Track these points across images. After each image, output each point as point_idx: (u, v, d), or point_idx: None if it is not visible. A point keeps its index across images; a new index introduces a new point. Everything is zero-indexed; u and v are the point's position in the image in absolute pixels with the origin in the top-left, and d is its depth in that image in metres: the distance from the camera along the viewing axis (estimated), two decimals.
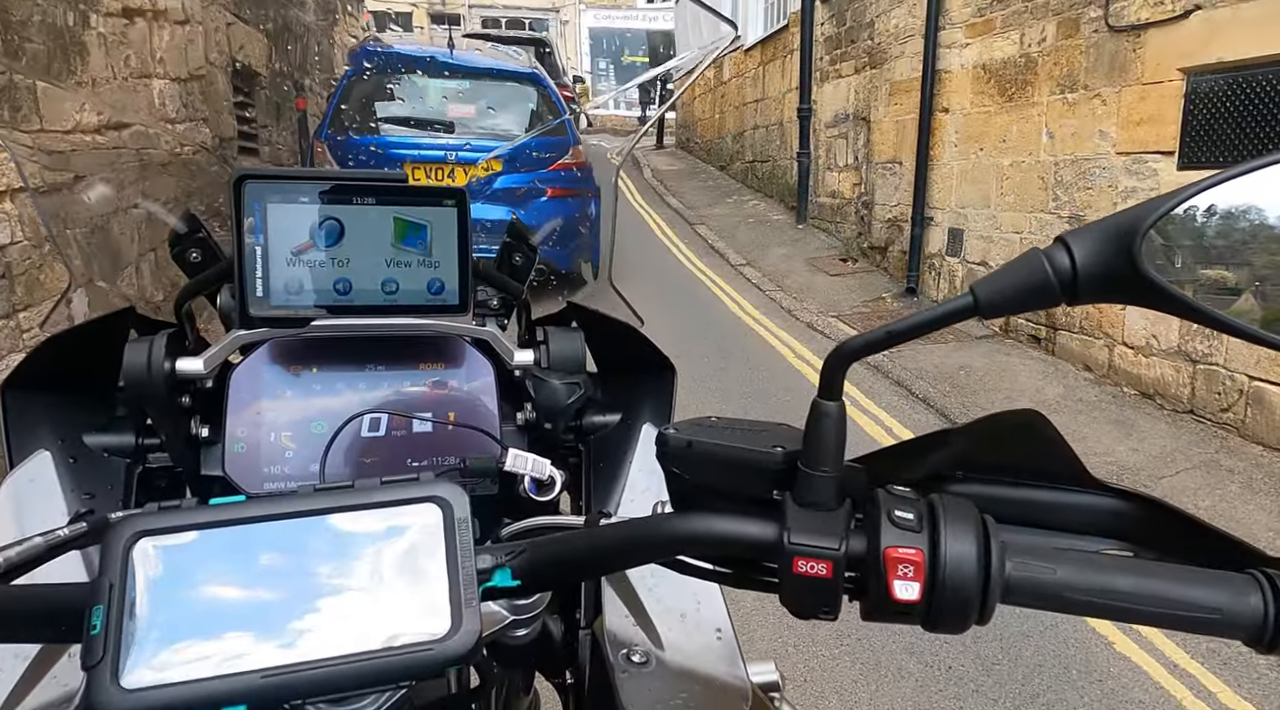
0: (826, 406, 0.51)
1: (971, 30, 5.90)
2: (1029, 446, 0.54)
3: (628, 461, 0.92)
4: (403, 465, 0.84)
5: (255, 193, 0.75)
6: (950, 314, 0.48)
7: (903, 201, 6.86)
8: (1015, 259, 0.47)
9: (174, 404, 0.80)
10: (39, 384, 0.82)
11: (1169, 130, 4.28)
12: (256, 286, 0.76)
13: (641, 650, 0.72)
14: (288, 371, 0.84)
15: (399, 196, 0.78)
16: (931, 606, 0.48)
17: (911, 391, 4.93)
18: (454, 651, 0.48)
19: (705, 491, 0.56)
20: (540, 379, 0.87)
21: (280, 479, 0.81)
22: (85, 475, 0.80)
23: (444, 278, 0.80)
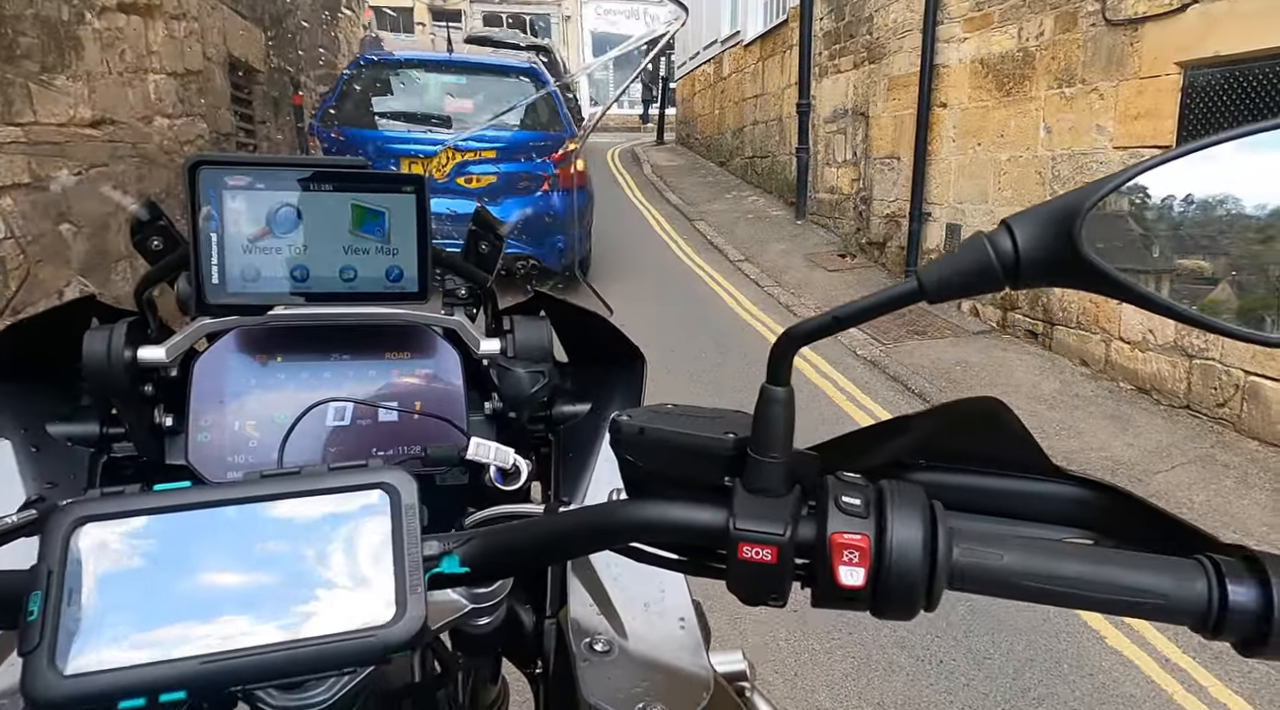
0: (774, 392, 0.51)
1: (969, 24, 5.88)
2: (990, 434, 0.54)
3: (596, 451, 0.91)
4: (367, 454, 0.83)
5: (210, 179, 0.74)
6: (895, 298, 0.48)
7: (901, 197, 6.85)
8: (961, 243, 0.47)
9: (136, 393, 0.79)
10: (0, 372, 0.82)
11: (1166, 124, 4.27)
12: (213, 274, 0.75)
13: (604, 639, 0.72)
14: (252, 360, 0.83)
15: (357, 183, 0.78)
16: (877, 592, 0.48)
17: (908, 387, 4.93)
18: (397, 638, 0.48)
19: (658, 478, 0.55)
20: (504, 368, 0.87)
21: (244, 468, 0.80)
22: (48, 464, 0.80)
23: (403, 265, 0.80)
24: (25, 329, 0.82)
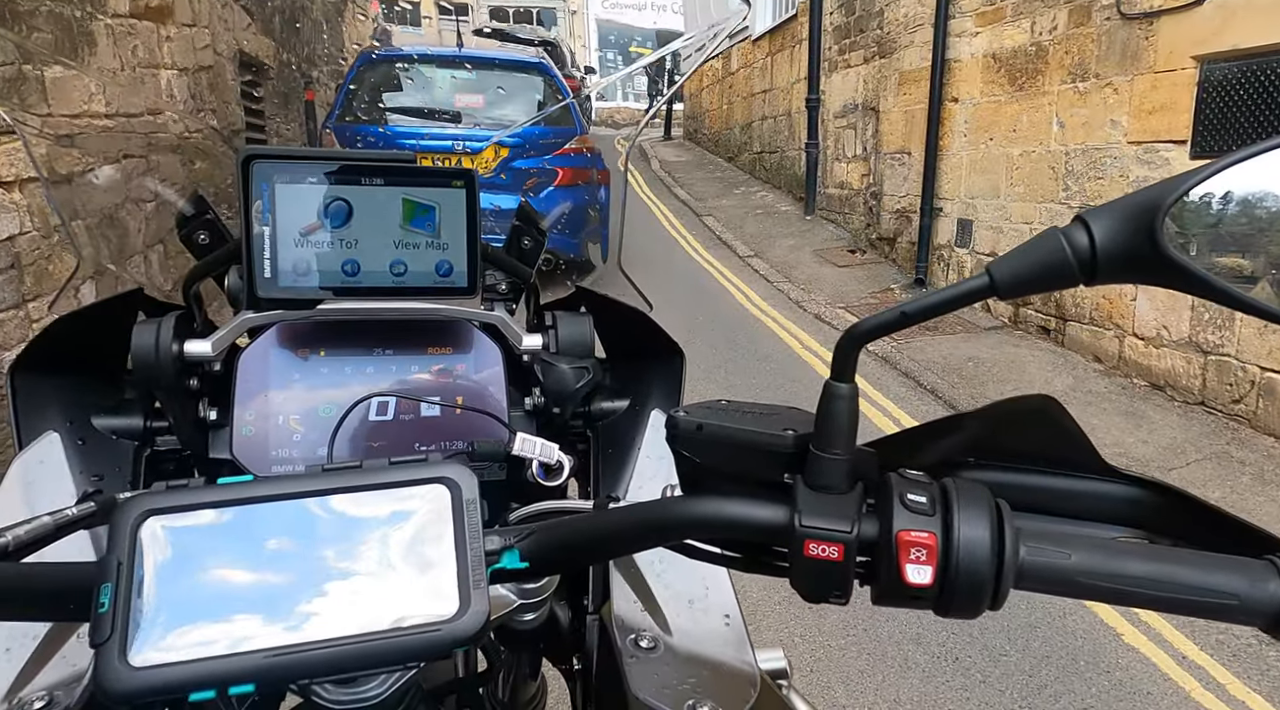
0: (839, 388, 0.51)
1: (981, 19, 5.85)
2: (1042, 432, 0.54)
3: (636, 446, 0.91)
4: (410, 449, 0.83)
5: (263, 173, 0.74)
6: (966, 294, 0.47)
7: (911, 192, 6.83)
8: (1032, 238, 0.46)
9: (182, 386, 0.80)
10: (47, 366, 0.82)
11: (1181, 119, 4.24)
12: (264, 268, 0.75)
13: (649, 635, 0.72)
14: (295, 355, 0.84)
15: (408, 177, 0.77)
16: (944, 590, 0.48)
17: (919, 382, 4.91)
18: (462, 632, 0.48)
19: (715, 475, 0.55)
20: (548, 363, 0.87)
21: (288, 462, 0.81)
22: (94, 457, 0.81)
23: (452, 260, 0.80)
24: (73, 322, 0.82)
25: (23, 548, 0.54)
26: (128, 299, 0.85)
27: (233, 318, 0.84)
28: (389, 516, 0.51)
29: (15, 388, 0.81)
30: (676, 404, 0.95)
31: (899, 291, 6.71)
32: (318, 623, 0.47)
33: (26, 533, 0.54)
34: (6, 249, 3.33)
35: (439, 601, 0.49)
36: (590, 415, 0.94)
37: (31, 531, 0.55)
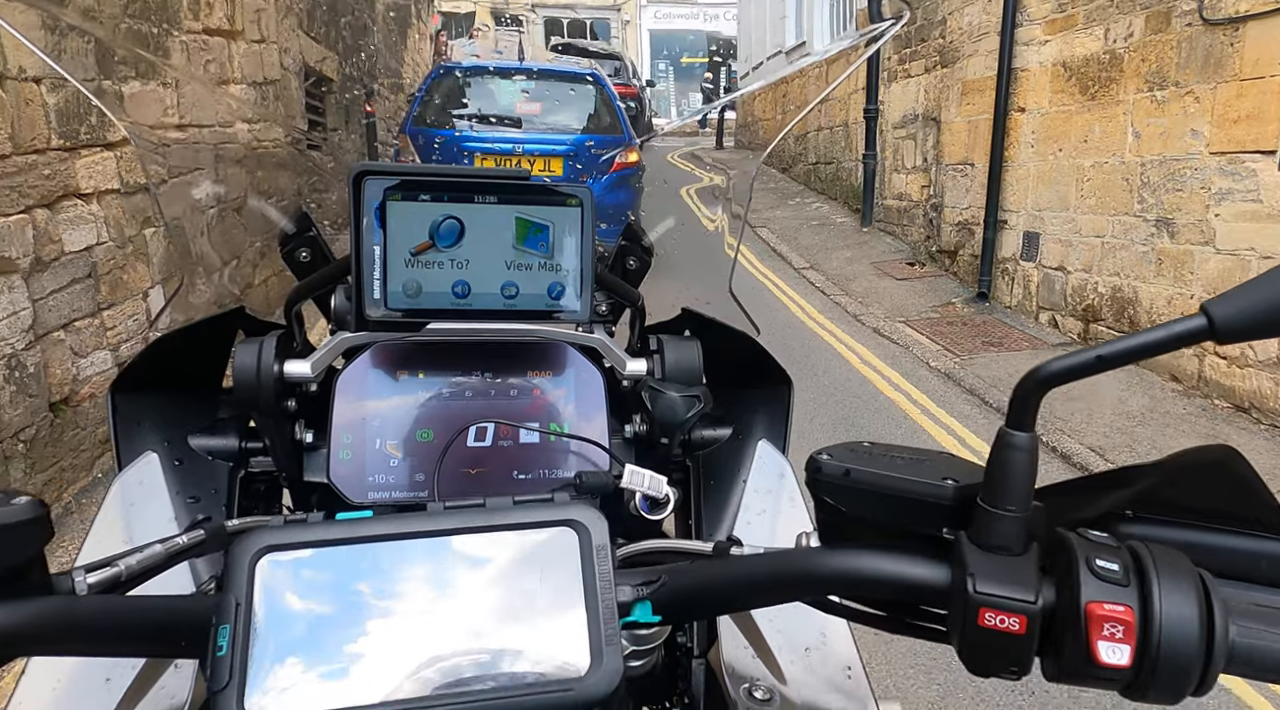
0: (1016, 438, 0.46)
1: (1051, 26, 5.69)
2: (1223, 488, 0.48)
3: (740, 480, 0.87)
4: (509, 477, 0.81)
5: (374, 190, 0.71)
6: (1178, 338, 0.42)
7: (974, 204, 6.66)
8: (1261, 276, 0.41)
9: (280, 408, 0.78)
10: (146, 385, 0.82)
11: (1270, 128, 4.04)
12: (374, 288, 0.72)
13: (764, 685, 0.67)
14: (393, 377, 0.81)
15: (522, 195, 0.74)
16: (1141, 672, 0.42)
17: (985, 401, 4.77)
18: (595, 693, 0.44)
19: (861, 525, 0.51)
20: (657, 391, 0.82)
21: (385, 488, 0.79)
22: (190, 478, 0.80)
23: (565, 282, 0.76)
24: (173, 340, 0.82)
25: (134, 578, 0.52)
26: (229, 318, 0.85)
27: (330, 338, 0.83)
28: (514, 561, 0.47)
29: (115, 406, 0.81)
30: (783, 436, 0.91)
31: (960, 305, 6.54)
32: (441, 676, 0.44)
33: (138, 562, 0.53)
34: (84, 259, 3.43)
35: (570, 657, 0.45)
36: (691, 444, 0.90)
37: (143, 561, 0.53)
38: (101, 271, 3.54)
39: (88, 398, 3.44)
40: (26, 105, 3.06)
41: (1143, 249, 4.93)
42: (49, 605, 0.44)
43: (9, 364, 2.93)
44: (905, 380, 5.14)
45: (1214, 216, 4.38)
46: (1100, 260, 5.30)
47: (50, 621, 0.44)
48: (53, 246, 3.21)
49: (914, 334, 5.95)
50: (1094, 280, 5.37)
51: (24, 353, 3.02)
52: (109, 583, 0.50)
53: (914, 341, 5.79)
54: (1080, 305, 5.51)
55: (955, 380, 5.08)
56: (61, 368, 3.26)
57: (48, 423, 3.15)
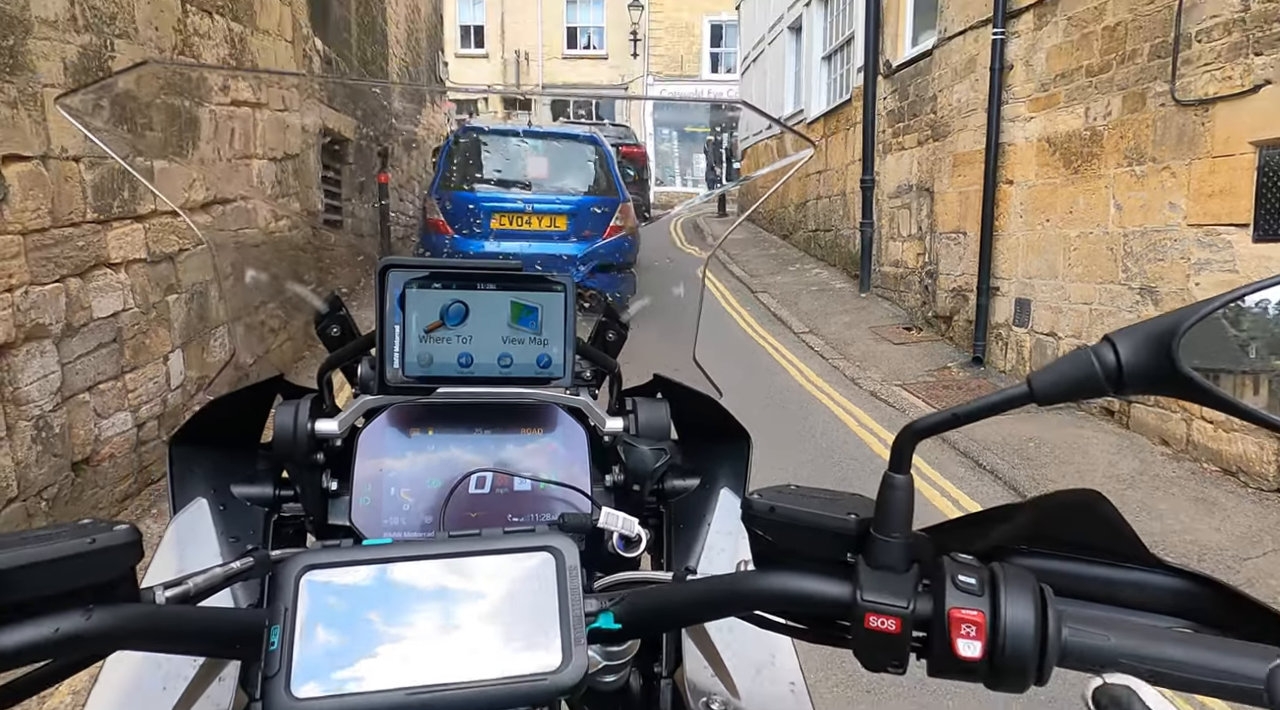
0: (896, 479, 0.57)
1: (1035, 104, 5.96)
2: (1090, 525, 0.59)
3: (706, 523, 0.99)
4: (504, 520, 0.93)
5: (397, 279, 0.86)
6: (1009, 400, 0.55)
7: (968, 271, 6.85)
8: (1068, 354, 0.54)
9: (310, 460, 0.91)
10: (198, 439, 0.96)
11: (1242, 203, 4.23)
12: (394, 359, 0.86)
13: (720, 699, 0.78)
14: (407, 434, 0.95)
15: (515, 283, 0.88)
16: (993, 665, 0.54)
17: (979, 463, 4.86)
18: (565, 683, 0.56)
19: (785, 552, 0.63)
20: (630, 445, 0.96)
21: (398, 529, 0.91)
22: (232, 521, 0.93)
23: (551, 354, 0.89)
24: (223, 402, 0.96)
25: (200, 593, 0.65)
26: (270, 384, 0.99)
27: (354, 400, 0.97)
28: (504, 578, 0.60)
29: (173, 458, 0.95)
30: (744, 484, 1.03)
31: (956, 370, 6.67)
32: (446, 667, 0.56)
33: (204, 581, 0.66)
34: (110, 324, 3.60)
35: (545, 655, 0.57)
36: (664, 492, 1.03)
37: (207, 580, 0.66)
38: (126, 336, 3.71)
39: (108, 457, 3.57)
40: (66, 182, 3.27)
41: (1129, 316, 5.08)
42: (138, 611, 0.56)
43: (37, 425, 3.07)
44: None
45: (1194, 286, 4.54)
46: (1089, 326, 5.45)
47: (139, 625, 0.56)
48: (82, 313, 3.39)
49: (910, 397, 6.07)
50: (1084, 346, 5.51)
51: (51, 414, 3.16)
52: (181, 596, 0.63)
53: (910, 405, 5.91)
54: None
55: (949, 443, 5.18)
56: (84, 428, 3.40)
57: (69, 482, 3.28)
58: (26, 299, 3.02)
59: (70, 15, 3.33)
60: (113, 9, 3.64)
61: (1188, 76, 4.55)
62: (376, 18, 9.89)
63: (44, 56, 3.15)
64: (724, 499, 1.01)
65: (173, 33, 4.23)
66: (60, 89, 3.20)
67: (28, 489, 3.01)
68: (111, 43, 3.62)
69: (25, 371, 3.01)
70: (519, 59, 25.45)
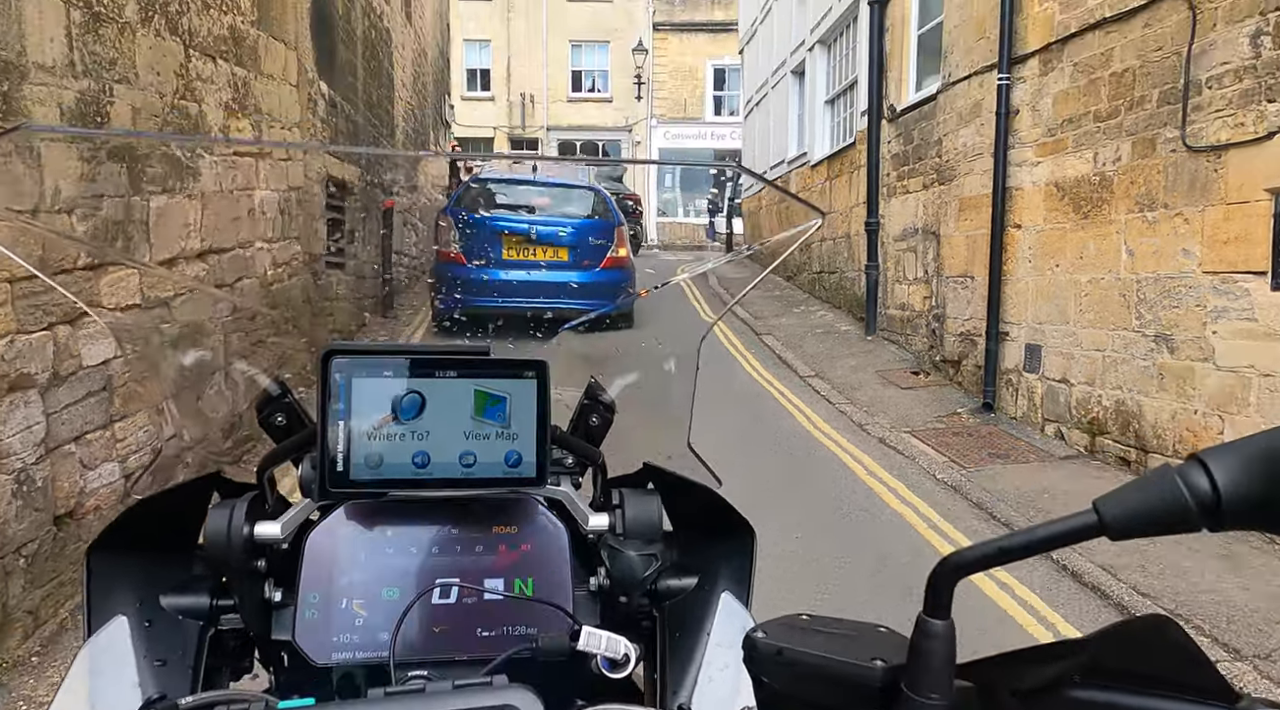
0: (933, 626, 0.48)
1: (1042, 149, 5.92)
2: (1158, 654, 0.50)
3: (705, 631, 0.88)
4: (472, 635, 0.83)
5: (342, 368, 0.76)
6: (1071, 533, 0.45)
7: (976, 315, 6.77)
8: (1144, 476, 0.45)
9: (250, 567, 0.80)
10: (123, 545, 0.84)
11: (1259, 250, 4.15)
12: (338, 462, 0.77)
13: None
14: (362, 534, 0.84)
15: (480, 369, 0.79)
16: None
17: (993, 514, 4.71)
18: None
19: (796, 703, 0.53)
20: (615, 549, 0.85)
21: (349, 648, 0.80)
22: (159, 640, 0.81)
23: (521, 450, 0.80)
24: (153, 503, 0.85)
25: None
26: (206, 481, 0.88)
27: (301, 500, 0.86)
28: None
29: (90, 569, 0.82)
30: (747, 586, 0.92)
31: (966, 416, 6.55)
32: None
33: None
34: (100, 372, 3.51)
35: None
36: (657, 593, 0.91)
37: None
38: (117, 384, 3.62)
39: (92, 510, 3.45)
40: None
41: (1144, 363, 4.97)
42: None
43: (18, 479, 2.96)
44: (911, 492, 5.10)
45: (1211, 334, 4.44)
46: (1103, 373, 5.34)
47: None
48: (71, 361, 3.30)
49: (920, 444, 5.94)
50: (1097, 393, 5.39)
51: (34, 467, 3.05)
52: None
53: (920, 452, 5.78)
54: (1085, 418, 5.52)
55: (962, 493, 5.04)
56: (69, 481, 3.29)
57: (50, 536, 3.16)
58: (12, 348, 2.93)
59: (69, 60, 3.30)
60: (113, 54, 3.61)
61: (1198, 122, 4.50)
62: (383, 61, 9.97)
63: (40, 102, 3.10)
64: (725, 604, 0.90)
65: (174, 78, 4.20)
66: None
67: (5, 546, 2.89)
68: (111, 88, 3.58)
69: (8, 423, 2.91)
70: (524, 101, 25.76)
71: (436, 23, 14.70)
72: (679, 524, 0.95)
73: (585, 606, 0.87)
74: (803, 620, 0.57)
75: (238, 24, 5.04)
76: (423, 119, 12.78)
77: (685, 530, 0.95)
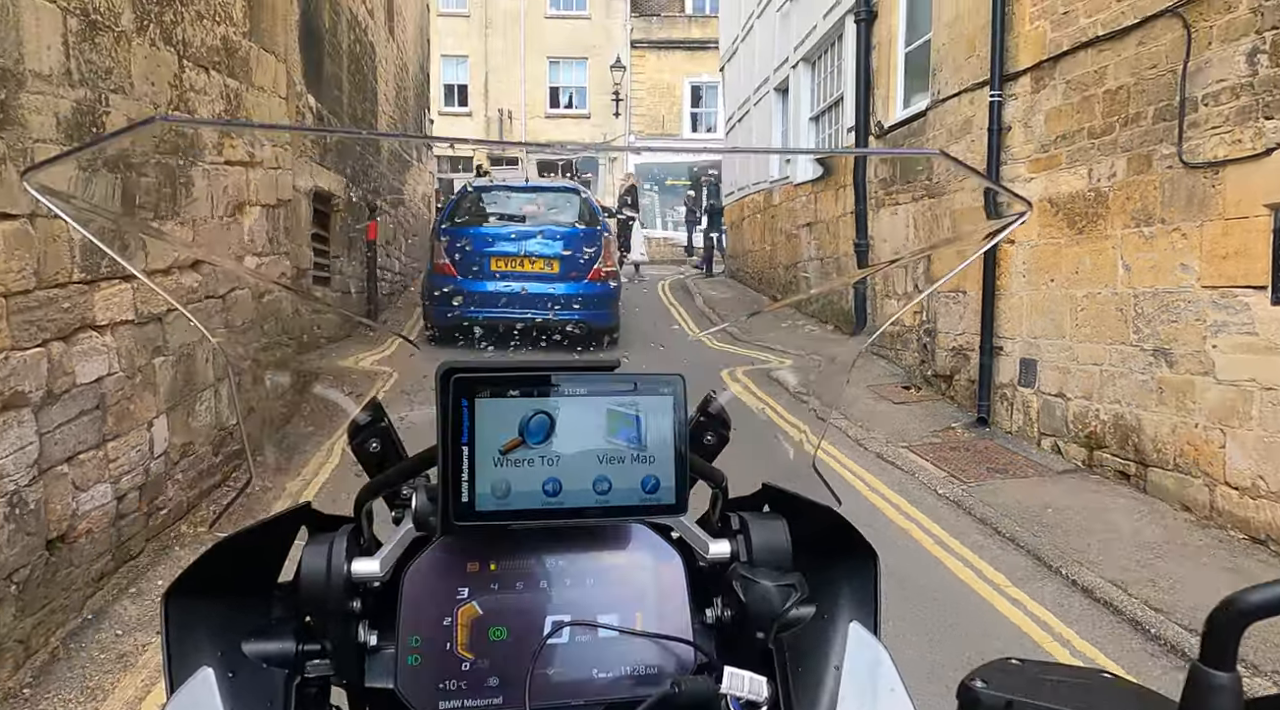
0: (1217, 679, 0.44)
1: (1035, 165, 5.97)
2: None
3: (831, 663, 0.82)
4: (589, 675, 0.76)
5: (463, 388, 0.70)
6: None
7: (968, 330, 6.79)
8: None
9: (346, 609, 0.73)
10: (201, 589, 0.76)
11: (1259, 265, 4.19)
12: (463, 491, 0.70)
13: None
14: (464, 570, 0.77)
15: (612, 385, 0.74)
16: None
17: (998, 530, 4.69)
18: None
19: None
20: (749, 580, 0.79)
21: (457, 696, 0.74)
22: (244, 692, 0.74)
23: (659, 474, 0.74)
24: (239, 541, 0.77)
25: None
26: (296, 515, 0.81)
27: (399, 531, 0.79)
28: None
29: (169, 616, 0.74)
30: (873, 614, 0.87)
31: (961, 430, 6.55)
32: None
33: None
34: (94, 390, 3.38)
35: None
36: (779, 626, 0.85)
37: None
38: (110, 403, 3.49)
39: (84, 533, 3.31)
40: (53, 241, 3.09)
41: (1142, 377, 5.00)
42: None
43: (10, 501, 2.83)
44: (915, 508, 5.07)
45: (1211, 348, 4.47)
46: (1100, 388, 5.37)
47: None
48: (65, 378, 3.17)
49: (918, 459, 5.92)
50: (1095, 407, 5.42)
51: (26, 488, 2.92)
52: None
53: (919, 467, 5.76)
54: (1083, 432, 5.54)
55: (965, 508, 5.02)
56: (61, 503, 3.16)
57: (43, 561, 3.02)
58: (6, 365, 2.80)
59: (65, 69, 3.19)
60: (109, 63, 3.51)
61: (1195, 139, 4.55)
62: (368, 76, 9.89)
63: (36, 111, 3.00)
64: (854, 634, 0.84)
65: (169, 88, 4.10)
66: (54, 144, 3.04)
67: None
68: (106, 98, 3.48)
69: (1, 443, 2.78)
70: (502, 117, 25.73)
71: (418, 38, 14.65)
72: (795, 548, 0.88)
73: (704, 641, 0.81)
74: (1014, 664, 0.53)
75: (230, 35, 4.95)
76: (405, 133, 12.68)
77: (802, 554, 0.88)
